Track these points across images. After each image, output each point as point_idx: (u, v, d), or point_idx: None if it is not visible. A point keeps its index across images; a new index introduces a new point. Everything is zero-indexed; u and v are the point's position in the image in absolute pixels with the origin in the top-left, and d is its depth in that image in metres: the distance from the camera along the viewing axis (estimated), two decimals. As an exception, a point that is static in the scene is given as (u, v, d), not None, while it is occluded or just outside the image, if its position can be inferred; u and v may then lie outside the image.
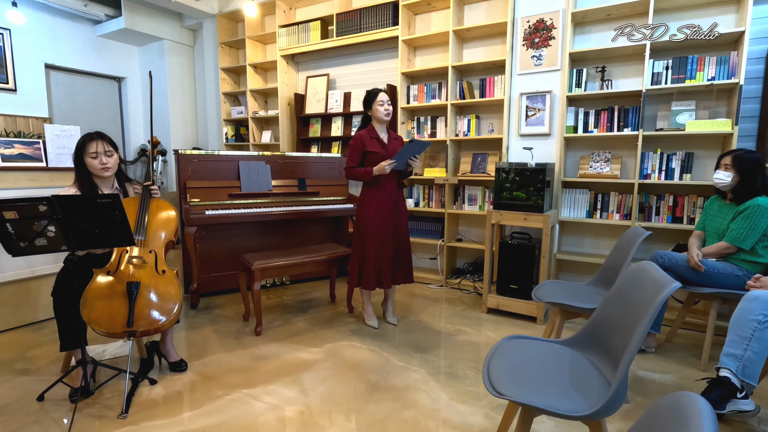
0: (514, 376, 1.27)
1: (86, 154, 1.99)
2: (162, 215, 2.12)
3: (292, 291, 3.54)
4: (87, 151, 1.98)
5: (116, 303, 1.83)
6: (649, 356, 2.38)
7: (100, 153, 2.00)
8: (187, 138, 5.57)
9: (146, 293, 1.91)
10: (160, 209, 2.12)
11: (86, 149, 1.98)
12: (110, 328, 1.78)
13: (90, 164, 2.00)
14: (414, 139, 2.40)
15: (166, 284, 1.96)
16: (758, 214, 2.14)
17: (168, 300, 1.93)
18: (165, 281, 1.97)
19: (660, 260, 2.32)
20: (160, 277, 1.97)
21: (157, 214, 2.11)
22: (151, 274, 1.96)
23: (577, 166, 3.21)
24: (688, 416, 0.52)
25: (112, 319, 1.80)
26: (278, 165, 3.53)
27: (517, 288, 2.97)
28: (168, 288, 1.96)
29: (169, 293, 1.95)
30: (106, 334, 1.79)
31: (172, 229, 2.11)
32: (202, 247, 3.25)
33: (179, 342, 2.51)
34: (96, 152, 1.99)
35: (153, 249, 2.03)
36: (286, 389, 2.00)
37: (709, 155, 2.82)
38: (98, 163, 2.00)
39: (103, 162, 2.00)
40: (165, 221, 2.11)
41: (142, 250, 2.01)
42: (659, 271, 1.23)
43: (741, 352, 1.58)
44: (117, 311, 1.82)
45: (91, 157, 1.99)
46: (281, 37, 4.40)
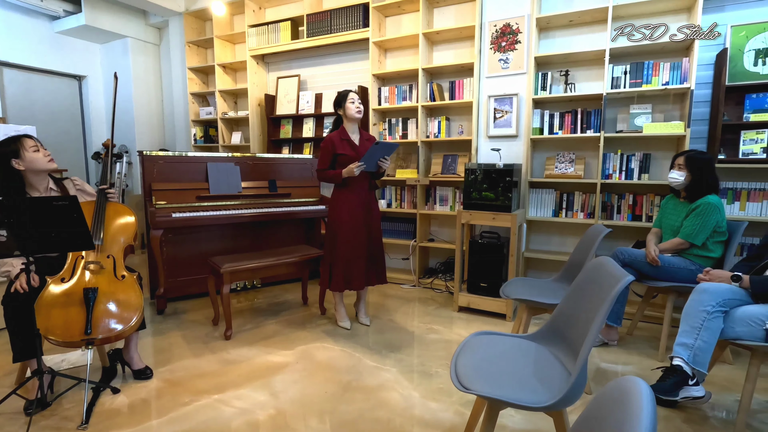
0: (480, 371, 1.30)
1: (26, 150, 1.87)
2: (120, 219, 2.04)
3: (264, 294, 3.49)
4: (26, 147, 1.87)
5: (73, 311, 1.76)
6: (611, 349, 2.48)
7: (39, 146, 1.91)
8: (154, 139, 5.41)
9: (105, 299, 1.84)
10: (117, 213, 2.05)
11: (24, 145, 1.86)
12: (66, 337, 1.70)
13: (34, 159, 1.88)
14: (380, 141, 2.41)
15: (126, 289, 1.90)
16: (708, 212, 2.27)
17: (128, 305, 1.87)
18: (125, 286, 1.91)
19: (621, 256, 2.43)
20: (119, 283, 1.91)
21: (114, 219, 2.03)
22: (110, 280, 1.89)
23: (544, 166, 3.31)
24: (630, 398, 0.55)
25: (68, 328, 1.72)
26: (248, 166, 3.48)
27: (486, 286, 3.03)
28: (128, 293, 1.90)
29: (130, 298, 1.89)
30: (63, 344, 1.72)
31: (131, 234, 2.04)
32: (169, 250, 3.16)
33: (145, 349, 2.43)
34: (36, 145, 1.90)
35: (111, 254, 1.96)
36: (256, 393, 1.98)
37: (665, 156, 2.96)
38: (43, 155, 1.90)
39: (47, 153, 1.92)
40: (123, 225, 2.04)
41: (100, 255, 1.93)
42: (615, 266, 1.29)
43: (692, 341, 1.67)
44: (73, 319, 1.74)
45: (32, 150, 1.88)
46: (251, 37, 4.34)
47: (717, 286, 1.70)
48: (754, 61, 2.64)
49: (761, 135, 2.64)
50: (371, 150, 2.41)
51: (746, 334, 1.61)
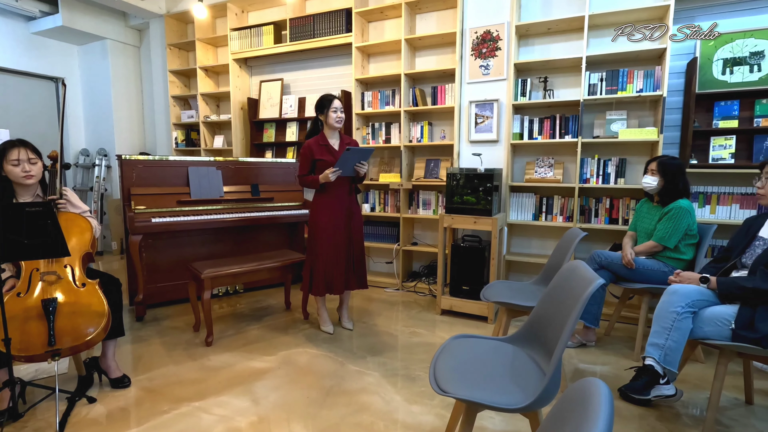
0: (459, 374, 1.32)
1: (7, 162, 1.88)
2: (73, 228, 2.00)
3: (246, 299, 3.46)
4: (8, 159, 1.88)
5: (32, 325, 1.71)
6: (589, 349, 2.54)
7: (23, 160, 1.90)
8: (134, 142, 5.32)
9: (66, 309, 1.80)
10: (69, 222, 1.99)
11: (7, 157, 1.88)
12: (29, 351, 1.66)
13: (11, 172, 1.89)
14: (352, 147, 2.42)
15: (88, 297, 1.87)
16: (680, 216, 2.35)
17: (92, 313, 1.83)
18: (86, 294, 1.87)
19: (598, 259, 2.49)
20: (80, 291, 1.87)
21: (67, 228, 1.99)
22: (69, 289, 1.86)
23: (524, 171, 3.38)
24: (590, 398, 0.57)
25: (29, 341, 1.67)
26: (230, 171, 3.45)
27: (468, 289, 3.06)
28: (90, 300, 1.86)
29: (93, 306, 1.85)
30: (27, 359, 1.68)
31: (87, 241, 2.00)
32: (148, 256, 3.11)
33: (123, 356, 2.39)
34: (18, 159, 1.89)
35: (68, 263, 1.92)
36: (237, 400, 1.96)
37: (639, 161, 3.05)
38: (20, 171, 1.89)
39: (26, 170, 1.91)
40: (78, 233, 2.00)
41: (56, 265, 1.90)
42: (588, 270, 1.33)
43: (663, 341, 1.73)
44: (33, 332, 1.70)
45: (12, 164, 1.89)
46: (233, 41, 4.32)
47: (686, 287, 1.76)
48: (722, 70, 2.74)
49: (729, 141, 2.75)
50: (344, 156, 2.42)
51: (714, 333, 1.67)
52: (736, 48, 2.71)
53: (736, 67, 2.71)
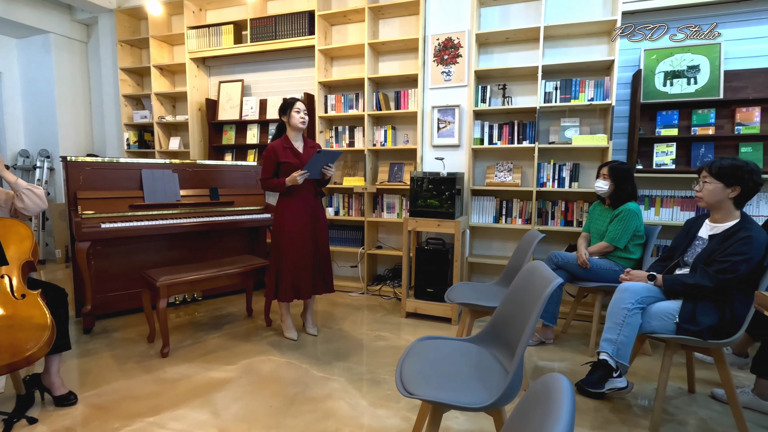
0: (424, 375, 1.32)
1: None
2: (11, 235, 1.86)
3: (206, 307, 3.33)
4: None
5: None
6: (548, 347, 2.63)
7: None
8: (81, 144, 5.01)
9: (3, 323, 1.65)
10: (6, 228, 1.85)
11: None
12: None
13: None
14: (322, 149, 2.41)
15: (28, 309, 1.73)
16: (629, 218, 2.49)
17: (33, 326, 1.69)
18: (26, 306, 1.73)
19: (554, 259, 2.59)
20: (18, 303, 1.73)
21: (4, 235, 1.84)
22: (6, 300, 1.71)
23: (485, 175, 3.47)
24: (552, 393, 0.59)
25: None
26: (187, 174, 3.32)
27: (432, 291, 3.10)
28: (31, 312, 1.72)
29: (33, 318, 1.71)
30: None
31: (27, 249, 1.86)
32: (98, 264, 2.93)
33: (69, 372, 2.23)
34: None
35: (5, 273, 1.78)
36: (195, 413, 1.88)
37: (592, 166, 3.21)
38: None
39: None
40: (16, 241, 1.85)
41: None
42: (547, 270, 1.38)
43: (615, 336, 1.82)
44: None
45: None
46: (190, 39, 4.17)
47: (635, 285, 1.86)
48: (664, 82, 2.94)
49: (670, 148, 2.95)
50: (314, 158, 2.39)
51: (660, 327, 1.78)
52: (675, 62, 2.92)
53: (675, 80, 2.92)
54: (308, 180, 2.54)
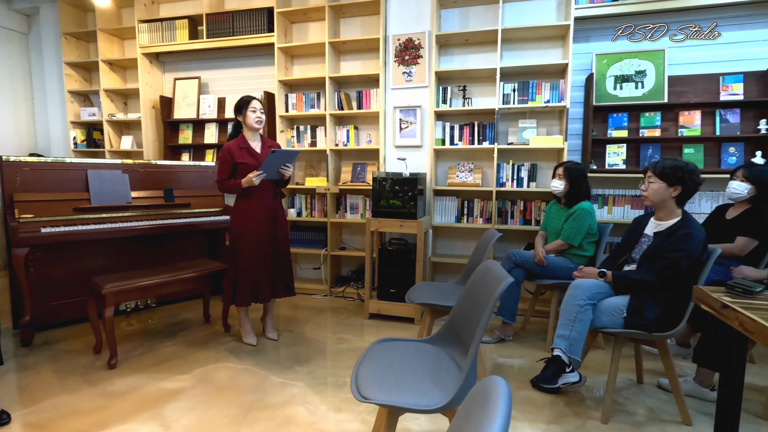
0: (380, 378, 1.31)
1: None
2: None
3: (160, 314, 3.18)
4: None
5: None
6: (507, 344, 2.68)
7: None
8: (21, 142, 4.67)
9: None
10: None
11: None
12: None
13: None
14: (277, 150, 2.35)
15: None
16: (583, 216, 2.58)
17: None
18: None
19: (513, 258, 2.64)
20: None
21: None
22: None
23: (447, 175, 3.50)
24: (490, 395, 0.59)
25: None
26: (140, 174, 3.16)
27: (395, 292, 3.10)
28: None
29: None
30: None
31: None
32: (38, 271, 2.73)
33: (2, 389, 2.06)
34: None
35: None
36: (144, 426, 1.78)
37: (548, 166, 3.31)
38: None
39: None
40: None
41: None
42: (500, 269, 1.39)
43: (568, 332, 1.88)
44: None
45: None
46: (142, 33, 3.98)
47: (587, 282, 1.92)
48: (614, 86, 3.07)
49: (621, 149, 3.08)
50: (269, 158, 2.33)
51: (610, 322, 1.85)
52: (624, 67, 3.05)
53: (624, 84, 3.05)
54: (267, 181, 2.47)
